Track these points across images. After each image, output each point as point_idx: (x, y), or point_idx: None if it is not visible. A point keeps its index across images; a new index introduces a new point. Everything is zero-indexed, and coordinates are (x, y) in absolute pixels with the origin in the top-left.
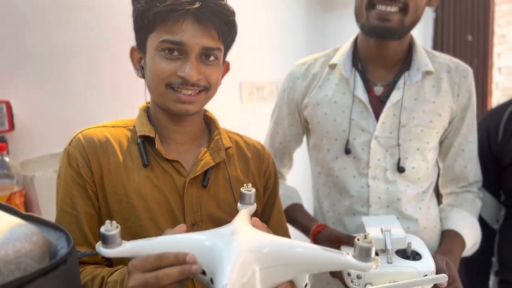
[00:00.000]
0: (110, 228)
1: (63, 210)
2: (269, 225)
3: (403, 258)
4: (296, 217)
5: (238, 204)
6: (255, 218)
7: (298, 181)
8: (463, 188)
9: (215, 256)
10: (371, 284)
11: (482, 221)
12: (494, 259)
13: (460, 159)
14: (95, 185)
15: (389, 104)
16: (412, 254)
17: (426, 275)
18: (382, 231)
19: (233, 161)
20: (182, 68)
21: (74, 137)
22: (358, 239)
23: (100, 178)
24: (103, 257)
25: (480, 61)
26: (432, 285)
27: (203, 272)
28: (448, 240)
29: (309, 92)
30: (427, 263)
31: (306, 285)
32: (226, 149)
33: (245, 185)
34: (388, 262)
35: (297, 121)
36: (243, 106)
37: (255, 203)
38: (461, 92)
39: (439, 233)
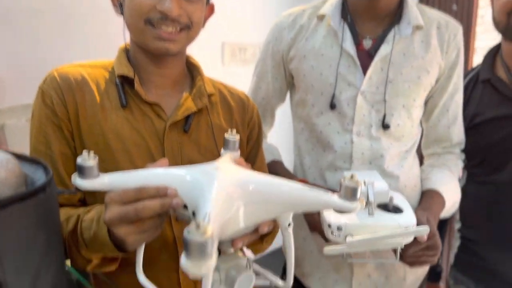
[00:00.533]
0: (87, 158)
1: (36, 149)
2: None
3: (385, 212)
4: (276, 172)
5: (222, 150)
6: (240, 158)
7: (278, 141)
8: (445, 149)
9: (198, 190)
10: (351, 236)
11: None
12: (456, 217)
13: (444, 119)
14: (71, 124)
15: (377, 58)
16: (393, 209)
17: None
18: (364, 183)
19: (216, 109)
20: (162, 2)
21: (49, 75)
22: (344, 179)
23: (76, 117)
24: (79, 200)
25: (464, 30)
26: (412, 237)
27: (185, 207)
28: (428, 198)
29: (296, 44)
30: (409, 216)
31: (289, 224)
32: (209, 96)
33: (229, 130)
34: (369, 214)
35: (282, 75)
36: (225, 69)
37: (239, 151)
38: (449, 49)
39: (419, 193)
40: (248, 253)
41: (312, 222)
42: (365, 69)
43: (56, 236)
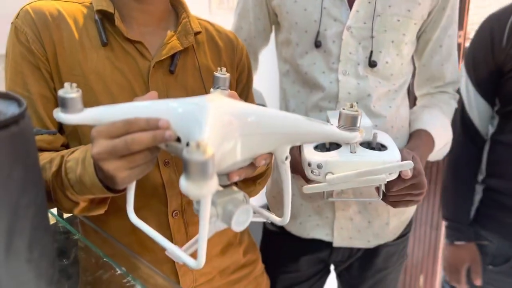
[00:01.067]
0: (70, 90)
1: (13, 90)
2: None
3: (369, 149)
4: None
5: (211, 89)
6: (232, 92)
7: (262, 86)
8: (438, 89)
9: (192, 120)
10: (332, 173)
11: (474, 129)
12: (482, 167)
13: (437, 56)
14: (49, 64)
15: None
16: (377, 146)
17: None
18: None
19: (203, 48)
20: None
21: (21, 9)
22: (343, 109)
23: (54, 56)
24: (62, 145)
25: None
26: (396, 174)
27: (178, 140)
28: (416, 138)
29: None
30: (393, 153)
31: (286, 157)
32: (196, 34)
33: (219, 68)
34: (351, 152)
35: (264, 14)
36: (212, 17)
37: (229, 89)
38: None
39: (406, 134)
40: None
41: (293, 163)
42: (351, 3)
43: (35, 174)
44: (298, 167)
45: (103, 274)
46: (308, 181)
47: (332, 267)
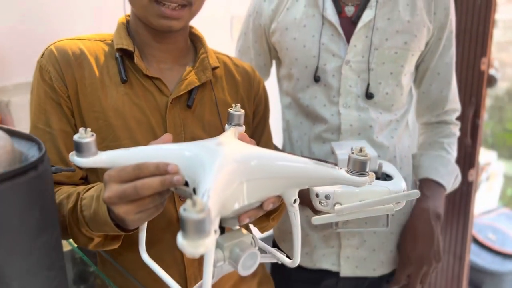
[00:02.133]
0: (85, 135)
1: (36, 127)
2: None
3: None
4: None
5: (226, 125)
6: (242, 133)
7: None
8: (439, 117)
9: (199, 166)
10: (340, 204)
11: None
12: None
13: (436, 83)
14: (70, 101)
15: (360, 24)
16: (382, 176)
17: None
18: (352, 150)
19: (221, 83)
20: None
21: (46, 48)
22: (353, 153)
23: (75, 94)
24: (81, 178)
25: (483, 1)
26: (404, 203)
27: (186, 183)
28: (425, 190)
29: (277, 16)
30: (398, 183)
31: (295, 200)
32: (213, 69)
33: (233, 105)
34: None
35: (265, 50)
36: (234, 43)
37: (243, 126)
38: (438, 10)
39: (409, 164)
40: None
41: (300, 194)
42: (348, 37)
43: (50, 216)
44: (305, 198)
45: None
46: (315, 211)
47: None
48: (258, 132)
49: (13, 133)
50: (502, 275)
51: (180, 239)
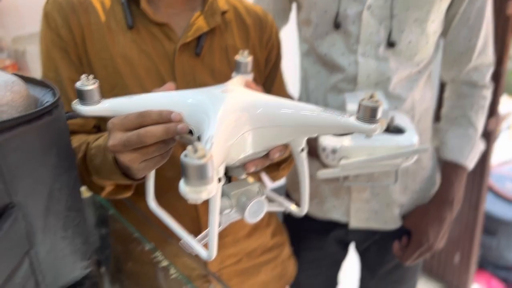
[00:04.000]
0: (87, 82)
1: (46, 75)
2: None
3: (385, 132)
4: None
5: (233, 73)
6: (248, 80)
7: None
8: (468, 76)
9: (203, 113)
10: (347, 158)
11: None
12: None
13: (465, 30)
14: (78, 48)
15: None
16: (394, 129)
17: None
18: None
19: (231, 28)
20: None
21: None
22: (363, 99)
23: (82, 41)
24: (94, 126)
25: None
26: (414, 158)
27: (190, 132)
28: (446, 178)
29: None
30: (410, 137)
31: (302, 149)
32: (223, 13)
33: (240, 52)
34: (366, 136)
35: None
36: None
37: (251, 74)
38: None
39: (431, 118)
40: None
41: (309, 146)
42: None
43: (68, 159)
44: (314, 151)
45: (134, 247)
46: (324, 164)
47: (353, 245)
48: (270, 79)
49: (28, 80)
50: None
51: (182, 185)
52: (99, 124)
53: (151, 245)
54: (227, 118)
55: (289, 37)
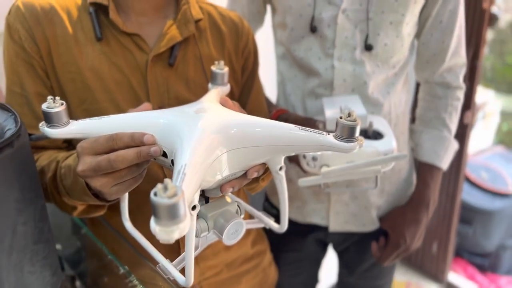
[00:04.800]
0: (53, 104)
1: (12, 91)
2: (247, 110)
3: (364, 138)
4: None
5: (209, 85)
6: (224, 97)
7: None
8: (441, 77)
9: (176, 136)
10: (327, 166)
11: None
12: None
13: (437, 32)
14: (43, 62)
15: None
16: (373, 134)
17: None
18: (341, 109)
19: (205, 36)
20: None
21: (13, 5)
22: (341, 117)
23: (48, 53)
24: (64, 141)
25: None
26: (392, 164)
27: (164, 154)
28: (422, 178)
29: None
30: (388, 142)
31: (280, 168)
32: (197, 21)
33: (216, 62)
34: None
35: None
36: None
37: (228, 84)
38: None
39: (407, 121)
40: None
41: None
42: None
43: (32, 190)
44: (294, 157)
45: (109, 263)
46: (304, 171)
47: (331, 246)
48: (247, 87)
49: None
50: (491, 213)
51: (153, 225)
52: (70, 139)
53: (125, 269)
54: (201, 143)
55: (265, 39)
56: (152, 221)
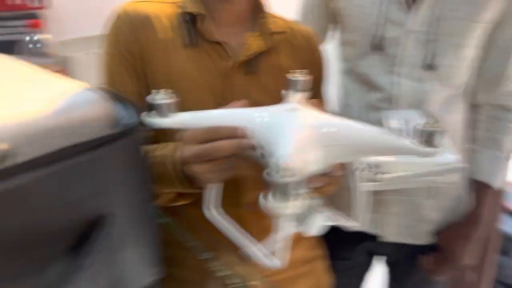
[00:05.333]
0: (158, 96)
1: (113, 88)
2: None
3: None
4: None
5: (290, 92)
6: (315, 100)
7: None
8: (498, 100)
9: (273, 130)
10: (388, 173)
11: None
12: None
13: (501, 57)
14: (139, 64)
15: None
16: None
17: None
18: (405, 121)
19: (283, 48)
20: None
21: (117, 10)
22: (423, 124)
23: (142, 57)
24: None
25: None
26: (451, 178)
27: (255, 148)
28: (478, 197)
29: None
30: (449, 155)
31: (357, 168)
32: (276, 33)
33: (298, 71)
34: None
35: (324, 15)
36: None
37: (308, 92)
38: None
39: (460, 140)
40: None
41: None
42: (411, 6)
43: (147, 174)
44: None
45: (178, 253)
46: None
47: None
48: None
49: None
50: None
51: (271, 200)
52: (155, 136)
53: (210, 255)
54: (298, 136)
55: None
56: (267, 198)
